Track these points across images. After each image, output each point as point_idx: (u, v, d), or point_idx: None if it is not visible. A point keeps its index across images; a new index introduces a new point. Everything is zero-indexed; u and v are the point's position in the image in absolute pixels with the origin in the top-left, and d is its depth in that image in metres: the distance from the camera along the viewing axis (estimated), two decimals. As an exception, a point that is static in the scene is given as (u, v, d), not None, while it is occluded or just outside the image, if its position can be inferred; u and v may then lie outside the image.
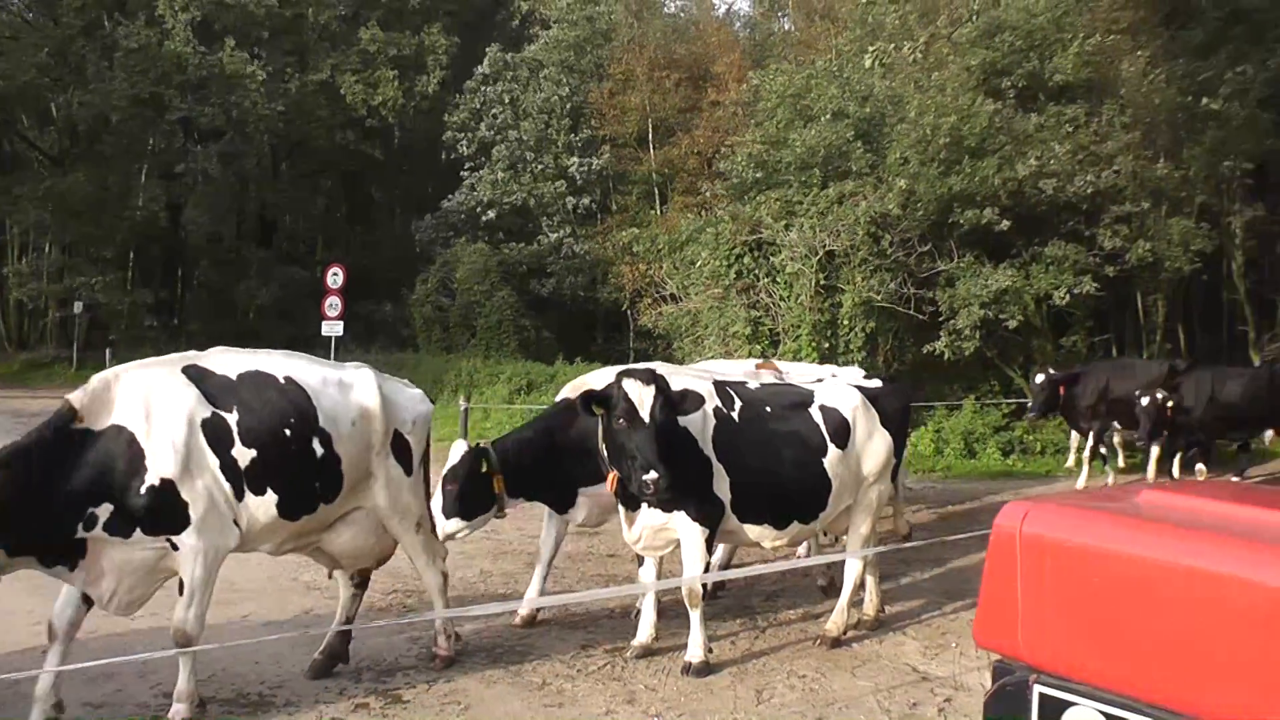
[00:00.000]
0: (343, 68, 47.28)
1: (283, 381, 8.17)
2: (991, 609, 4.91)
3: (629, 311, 36.20)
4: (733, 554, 12.33)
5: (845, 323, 23.36)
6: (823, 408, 10.00)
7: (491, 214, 42.97)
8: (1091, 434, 20.09)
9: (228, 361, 8.13)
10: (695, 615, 9.30)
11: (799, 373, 13.26)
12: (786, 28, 46.01)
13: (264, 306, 48.42)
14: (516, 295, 39.37)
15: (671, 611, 10.25)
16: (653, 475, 8.36)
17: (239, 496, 7.80)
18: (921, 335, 24.26)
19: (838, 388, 10.49)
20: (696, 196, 33.55)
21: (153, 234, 49.89)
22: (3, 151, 54.07)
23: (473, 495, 9.78)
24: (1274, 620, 3.91)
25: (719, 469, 9.26)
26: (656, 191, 40.57)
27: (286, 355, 8.56)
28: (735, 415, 9.53)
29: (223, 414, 7.80)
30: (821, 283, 23.43)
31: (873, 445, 10.20)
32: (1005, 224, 23.46)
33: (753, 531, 9.66)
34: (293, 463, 8.03)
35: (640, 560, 9.94)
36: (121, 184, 47.36)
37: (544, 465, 10.13)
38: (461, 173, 44.61)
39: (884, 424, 10.35)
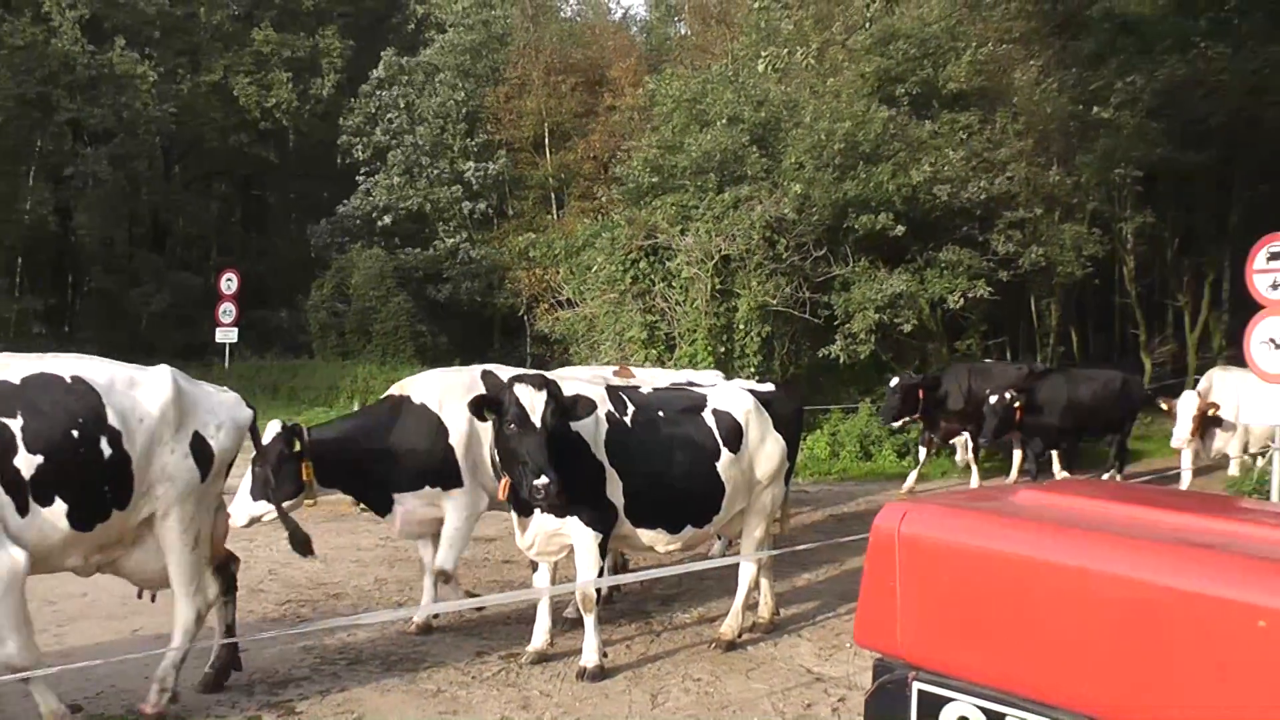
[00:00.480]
0: (236, 69, 46.71)
1: (69, 381, 7.54)
2: (871, 608, 4.94)
3: (526, 316, 36.08)
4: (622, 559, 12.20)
5: (741, 327, 23.33)
6: (716, 411, 9.96)
7: (387, 219, 42.67)
8: (966, 435, 20.35)
9: (10, 366, 7.56)
10: (589, 620, 9.23)
11: (652, 378, 13.01)
12: (682, 32, 46.24)
13: (157, 313, 47.52)
14: (413, 301, 39.10)
15: (558, 617, 10.21)
16: (544, 480, 8.28)
17: (23, 511, 7.13)
18: (817, 339, 24.35)
19: (731, 391, 10.44)
20: (593, 201, 33.55)
21: (41, 239, 48.77)
22: None
23: (281, 477, 9.50)
24: (1145, 613, 3.97)
25: (612, 473, 9.21)
26: (553, 196, 40.56)
27: (77, 357, 7.94)
28: (628, 420, 9.47)
29: (5, 420, 7.17)
30: (717, 287, 23.40)
31: (766, 449, 10.16)
32: (900, 229, 23.65)
33: (646, 536, 9.59)
34: (83, 468, 7.41)
35: (535, 566, 9.84)
36: (7, 187, 46.17)
37: (355, 459, 9.96)
38: (357, 177, 44.25)
39: (777, 427, 10.32)
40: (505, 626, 10.67)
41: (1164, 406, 17.87)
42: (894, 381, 20.12)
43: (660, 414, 9.75)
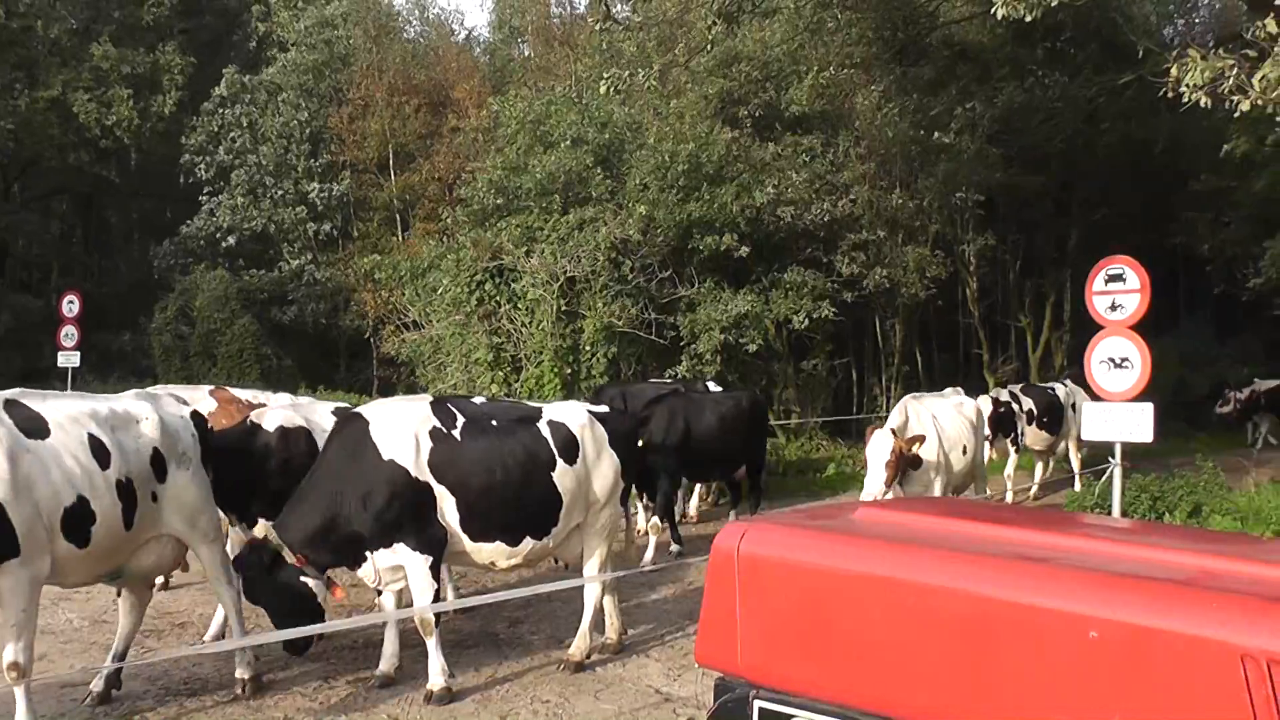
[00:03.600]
0: (75, 85, 45.70)
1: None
2: (712, 627, 4.96)
3: (372, 339, 35.75)
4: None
5: (587, 348, 23.34)
6: (551, 423, 9.95)
7: (231, 240, 42.00)
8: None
9: None
10: (431, 643, 9.21)
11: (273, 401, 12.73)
12: (526, 54, 46.16)
13: (-4, 337, 46.45)
14: (258, 323, 38.50)
15: (416, 639, 10.02)
16: None
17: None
18: (664, 360, 24.43)
19: (566, 406, 10.53)
20: (438, 223, 33.32)
21: None
22: None
23: None
24: (981, 626, 4.03)
25: (441, 492, 9.16)
26: (398, 218, 40.27)
27: None
28: (456, 434, 9.40)
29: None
30: (563, 308, 23.38)
31: (602, 465, 10.15)
32: (745, 250, 23.87)
33: (486, 551, 9.51)
34: None
35: (380, 590, 9.72)
36: None
37: None
38: (200, 197, 43.54)
39: (614, 444, 10.30)
40: (351, 652, 10.57)
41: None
42: None
43: (493, 424, 9.69)
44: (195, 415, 9.49)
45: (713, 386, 19.51)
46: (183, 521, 8.87)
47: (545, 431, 9.85)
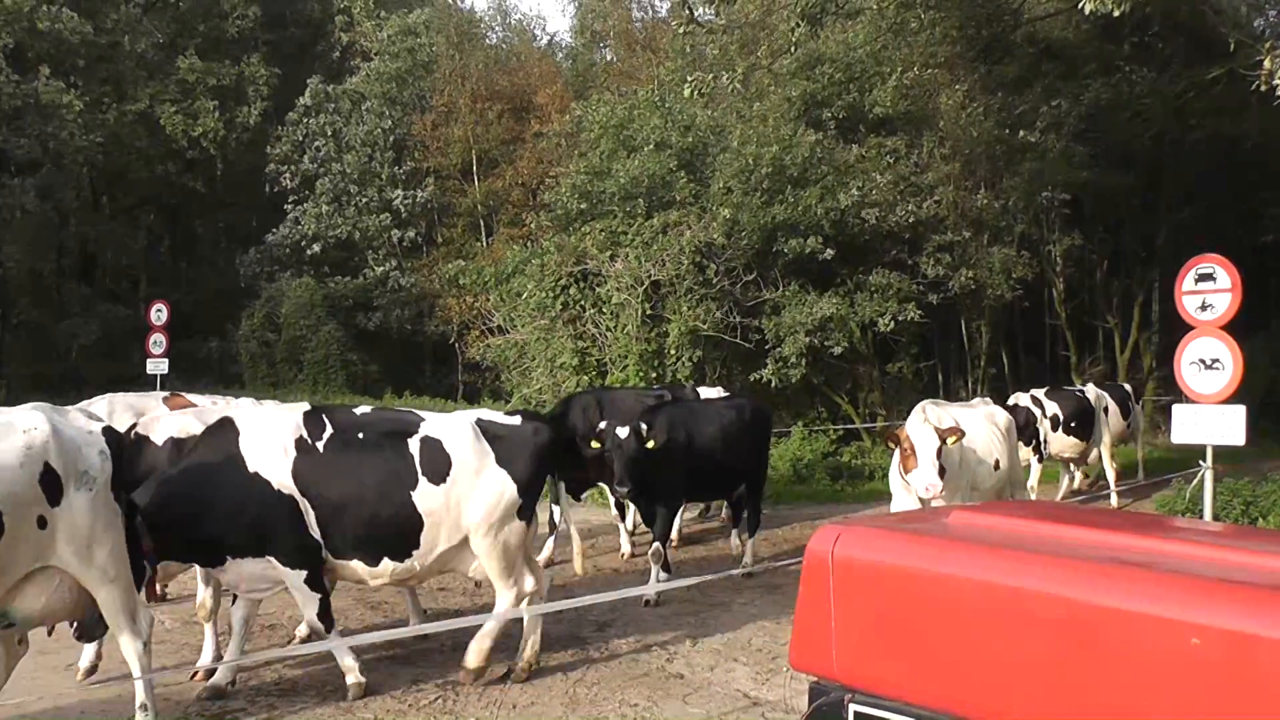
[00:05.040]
0: (162, 98, 46.36)
1: None
2: (807, 631, 4.89)
3: (456, 344, 35.96)
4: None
5: (672, 352, 23.30)
6: (424, 440, 9.50)
7: (316, 247, 42.45)
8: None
9: None
10: (335, 642, 9.30)
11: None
12: (608, 58, 46.25)
13: (87, 345, 47.14)
14: (343, 329, 38.92)
15: (502, 643, 10.05)
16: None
17: None
18: (749, 363, 24.36)
19: (451, 420, 9.92)
20: (522, 228, 33.48)
21: (-32, 272, 48.45)
22: None
23: None
24: (1079, 632, 3.93)
25: (305, 504, 9.02)
26: (482, 223, 40.47)
27: None
28: (321, 445, 9.20)
29: None
30: (648, 312, 23.36)
31: (484, 483, 9.51)
32: (829, 252, 23.75)
33: (348, 568, 9.34)
34: None
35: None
36: None
37: None
38: (285, 206, 44.02)
39: (502, 462, 9.65)
40: (440, 654, 10.56)
41: (890, 444, 11.91)
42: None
43: (360, 437, 9.39)
44: (108, 431, 8.27)
45: (710, 392, 17.81)
46: (75, 554, 7.69)
47: (414, 448, 9.40)
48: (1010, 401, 18.49)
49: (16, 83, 43.02)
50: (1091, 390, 20.48)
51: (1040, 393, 19.75)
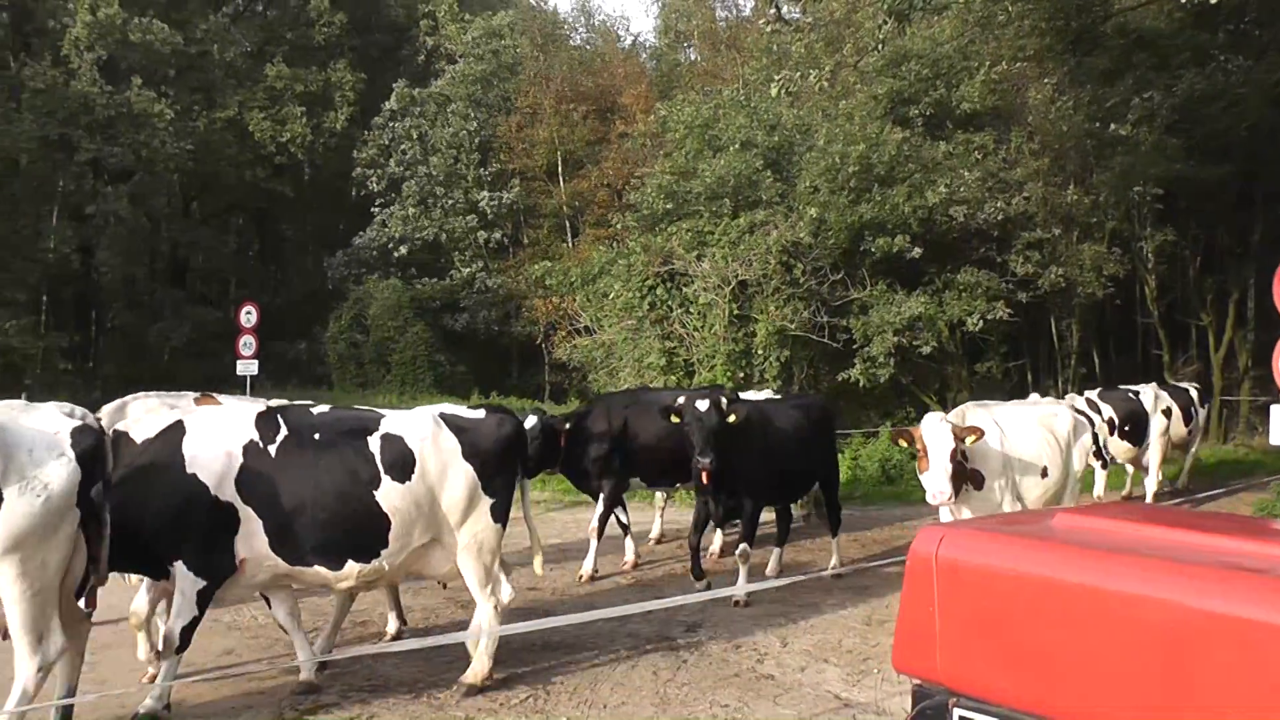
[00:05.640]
0: (250, 105, 47.02)
1: None
2: (909, 633, 4.89)
3: (543, 345, 36.06)
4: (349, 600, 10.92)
5: (760, 352, 23.23)
6: (385, 437, 9.15)
7: (403, 250, 42.81)
8: (604, 495, 14.69)
9: None
10: (164, 666, 8.60)
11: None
12: (692, 58, 46.22)
13: (178, 347, 47.92)
14: (430, 330, 39.19)
15: (584, 643, 10.14)
16: None
17: None
18: (837, 363, 24.26)
19: (412, 416, 9.56)
20: (607, 228, 33.53)
21: (65, 277, 49.27)
22: None
23: None
24: (1188, 638, 3.88)
25: (246, 512, 8.60)
26: (568, 224, 40.58)
27: None
28: (273, 449, 8.79)
29: None
30: (735, 312, 23.33)
31: (451, 479, 9.25)
32: (917, 251, 23.59)
33: (309, 574, 8.95)
34: None
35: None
36: (32, 227, 46.82)
37: None
38: (372, 209, 44.46)
39: (468, 456, 9.36)
40: (530, 653, 10.57)
41: (902, 443, 11.60)
42: (530, 421, 13.89)
43: (316, 438, 9.01)
44: (80, 433, 7.67)
45: (755, 395, 16.64)
46: None
47: (374, 447, 9.05)
48: (1066, 402, 16.87)
49: (110, 93, 43.95)
50: (1149, 392, 19.69)
51: (1095, 394, 19.23)
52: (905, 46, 24.83)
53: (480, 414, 9.84)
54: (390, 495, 8.92)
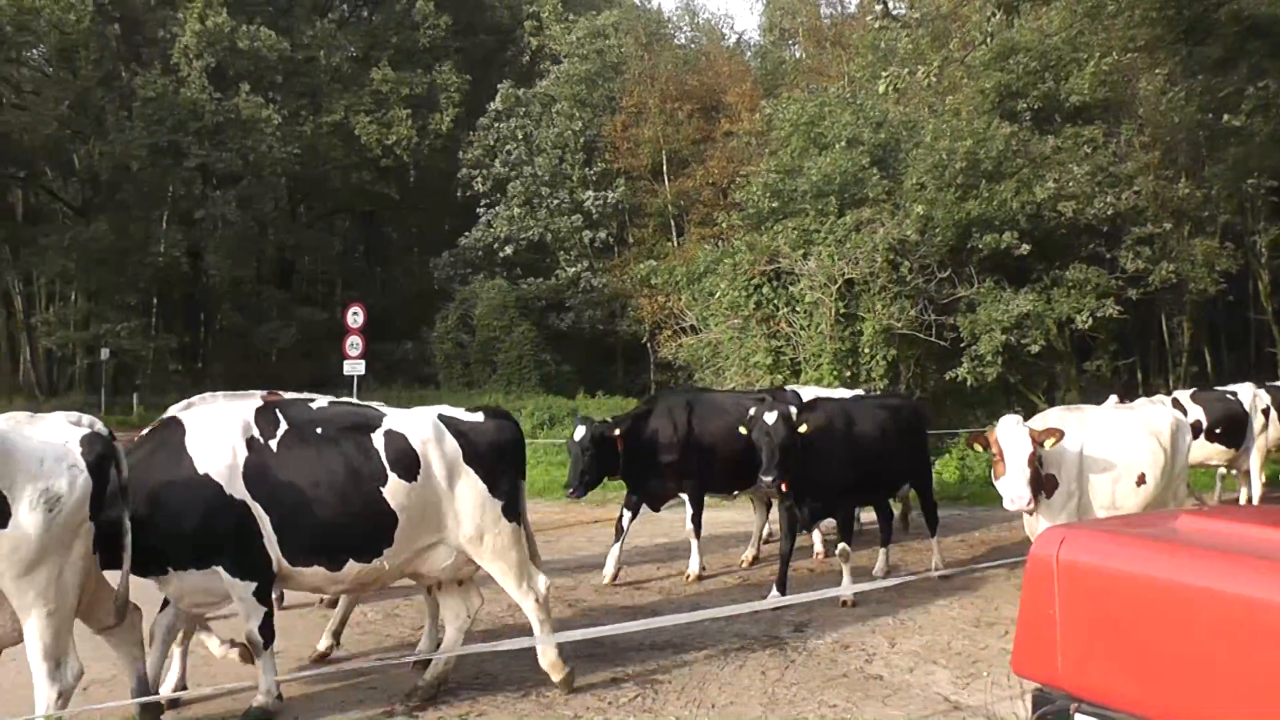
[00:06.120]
0: (356, 108, 47.68)
1: None
2: (1030, 637, 4.84)
3: (649, 344, 36.11)
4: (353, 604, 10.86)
5: (866, 351, 23.13)
6: (389, 434, 8.77)
7: (509, 250, 43.11)
8: (689, 498, 14.41)
9: None
10: (262, 660, 8.36)
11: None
12: (797, 56, 45.99)
13: (285, 348, 48.68)
14: (536, 330, 39.42)
15: (692, 643, 10.10)
16: None
17: None
18: (944, 361, 24.03)
19: (414, 415, 9.22)
20: (713, 227, 33.48)
21: (174, 279, 50.43)
22: (28, 203, 55.15)
23: None
24: None
25: (257, 509, 8.19)
26: (673, 223, 40.55)
27: None
28: (275, 444, 8.39)
29: None
30: (841, 311, 23.23)
31: (457, 484, 8.94)
32: (1025, 248, 23.29)
33: (307, 575, 8.52)
34: None
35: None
36: (143, 231, 48.05)
37: None
38: (477, 209, 44.85)
39: (470, 459, 9.04)
40: (638, 652, 10.55)
41: (977, 447, 11.20)
42: (580, 432, 13.59)
43: (318, 433, 8.64)
44: (91, 440, 7.37)
45: (813, 391, 16.32)
46: (13, 578, 6.96)
47: (379, 442, 8.67)
48: (1140, 402, 14.98)
49: (218, 100, 44.85)
50: (1247, 391, 18.25)
51: (1184, 395, 17.88)
52: (1013, 39, 24.55)
53: (479, 417, 9.53)
54: (397, 493, 8.60)
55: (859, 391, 17.35)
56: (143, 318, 49.92)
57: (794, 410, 12.19)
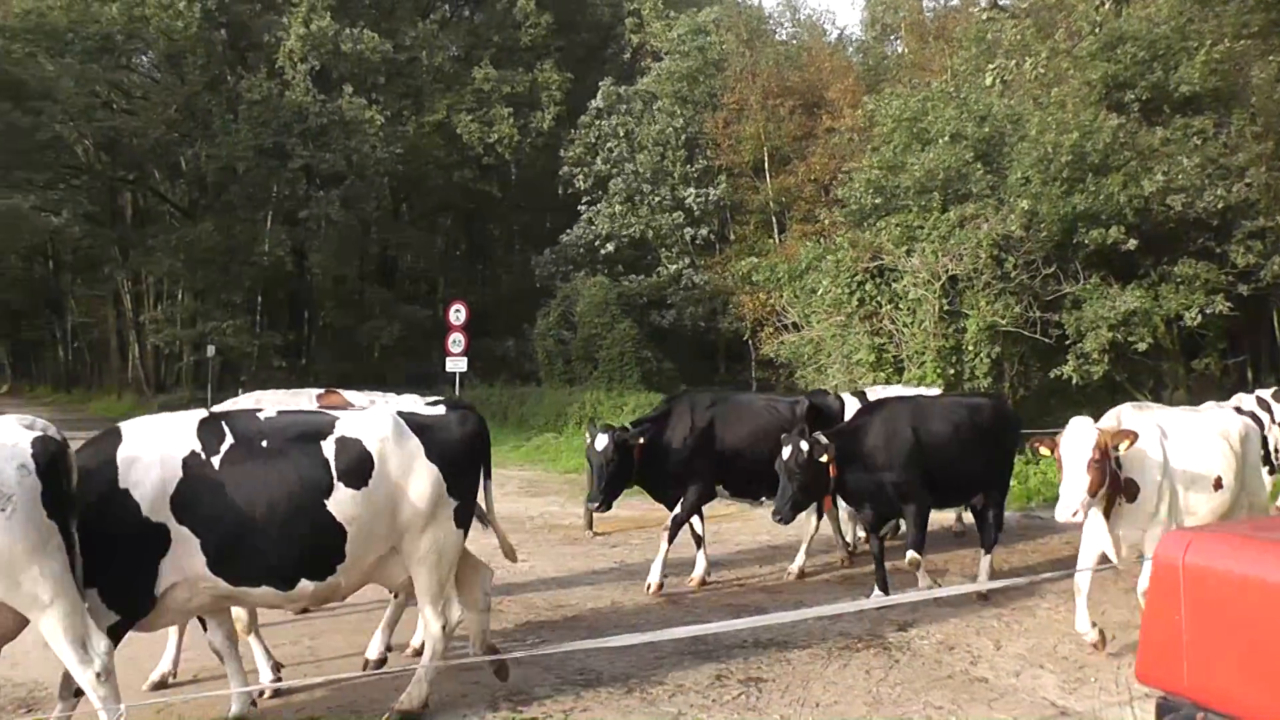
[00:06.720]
0: (458, 108, 48.04)
1: None
2: (1153, 643, 4.79)
3: (750, 341, 36.00)
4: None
5: (970, 348, 22.90)
6: (341, 439, 8.29)
7: (610, 247, 43.19)
8: (684, 500, 13.58)
9: None
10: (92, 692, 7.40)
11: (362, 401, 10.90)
12: (899, 51, 45.65)
13: (388, 345, 49.25)
14: (637, 327, 39.40)
15: (796, 641, 10.09)
16: None
17: None
18: (1048, 359, 23.75)
19: (368, 416, 8.72)
20: (814, 224, 33.35)
21: (279, 278, 51.31)
22: (137, 205, 56.58)
23: None
24: None
25: (181, 533, 7.68)
26: (774, 220, 40.35)
27: None
28: (216, 460, 7.88)
29: None
30: (945, 308, 23.05)
31: (413, 481, 8.46)
32: (1132, 243, 22.92)
33: (256, 594, 8.08)
34: None
35: None
36: (248, 231, 48.99)
37: None
38: (579, 207, 44.95)
39: (432, 456, 8.58)
40: (742, 650, 10.57)
41: (1043, 451, 10.72)
42: (601, 441, 12.88)
43: (263, 445, 8.10)
44: (40, 442, 7.14)
45: (872, 392, 16.03)
46: None
47: (328, 451, 8.20)
48: (1232, 403, 14.63)
49: (322, 102, 45.53)
50: None
51: (1268, 393, 16.67)
52: (1120, 28, 24.12)
53: (440, 410, 9.17)
54: (345, 504, 8.13)
55: (936, 390, 17.17)
56: (248, 316, 50.92)
57: (820, 440, 11.70)
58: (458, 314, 29.01)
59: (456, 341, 28.71)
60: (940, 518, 17.04)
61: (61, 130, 46.13)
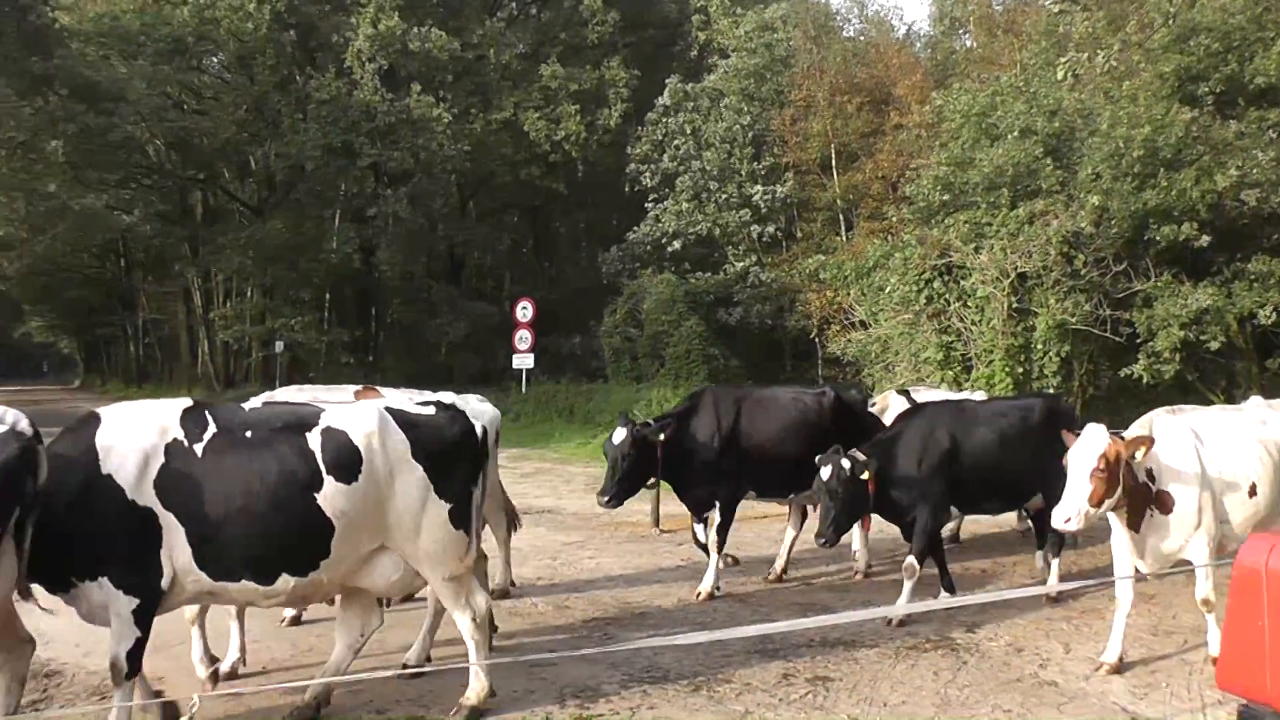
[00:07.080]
0: (525, 105, 48.33)
1: None
2: (1236, 649, 4.70)
3: (817, 339, 35.87)
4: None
5: (1039, 347, 22.69)
6: (327, 431, 8.13)
7: (677, 244, 43.24)
8: (719, 506, 13.20)
9: None
10: (118, 692, 7.61)
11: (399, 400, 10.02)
12: (968, 45, 45.28)
13: (455, 342, 49.60)
14: (704, 324, 39.36)
15: (863, 640, 10.10)
16: None
17: None
18: (1118, 358, 23.44)
19: (356, 409, 8.55)
20: (882, 221, 33.18)
21: (347, 275, 51.82)
22: (207, 204, 57.36)
23: None
24: None
25: (169, 520, 7.59)
26: (841, 218, 40.19)
27: None
28: (200, 449, 7.76)
29: None
30: (1014, 306, 22.86)
31: (402, 480, 8.30)
32: (1205, 239, 22.55)
33: (236, 590, 7.93)
34: None
35: None
36: (316, 229, 49.59)
37: None
38: (646, 204, 45.02)
39: (418, 455, 8.38)
40: (809, 649, 10.54)
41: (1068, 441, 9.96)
42: (618, 434, 12.67)
43: (248, 436, 7.97)
44: (4, 439, 6.95)
45: (914, 395, 15.77)
46: None
47: (314, 444, 8.03)
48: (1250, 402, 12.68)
49: (390, 101, 46.02)
50: None
51: None
52: (1194, 19, 23.75)
53: (430, 410, 8.93)
54: (333, 499, 7.99)
55: (980, 394, 16.94)
56: (316, 312, 51.53)
57: (859, 457, 11.31)
58: (524, 311, 29.20)
59: (523, 338, 28.90)
60: (1006, 519, 17.01)
61: (133, 131, 46.87)
